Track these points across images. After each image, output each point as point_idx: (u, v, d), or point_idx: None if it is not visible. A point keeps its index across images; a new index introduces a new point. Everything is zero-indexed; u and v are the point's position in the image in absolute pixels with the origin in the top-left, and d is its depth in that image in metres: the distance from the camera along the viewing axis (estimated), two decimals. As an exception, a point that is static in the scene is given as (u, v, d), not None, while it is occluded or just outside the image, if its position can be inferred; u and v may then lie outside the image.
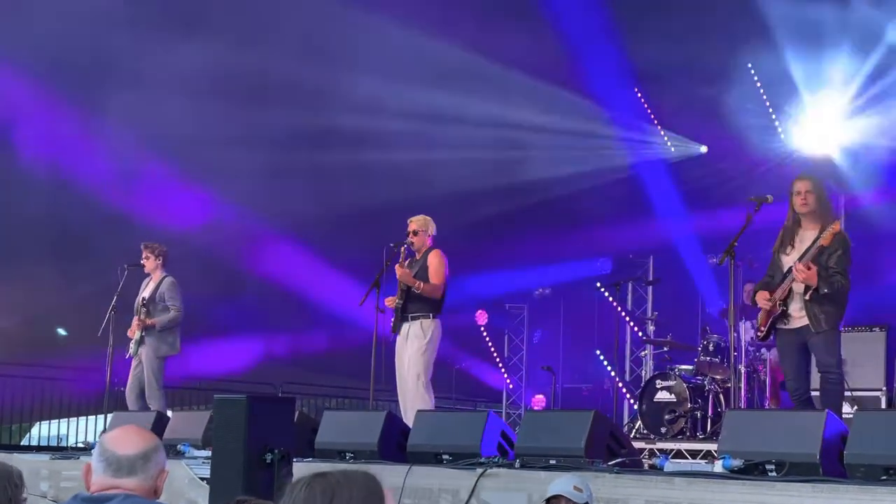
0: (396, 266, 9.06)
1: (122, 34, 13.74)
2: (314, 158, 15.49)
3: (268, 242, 15.82)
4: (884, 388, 10.27)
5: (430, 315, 9.10)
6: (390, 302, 9.20)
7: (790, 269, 7.35)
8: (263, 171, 15.03)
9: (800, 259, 7.26)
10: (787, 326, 7.41)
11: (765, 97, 14.67)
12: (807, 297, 7.17)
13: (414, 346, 9.04)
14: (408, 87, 14.73)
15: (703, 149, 15.43)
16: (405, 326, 9.13)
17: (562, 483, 5.23)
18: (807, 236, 7.42)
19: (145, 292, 10.61)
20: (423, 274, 9.09)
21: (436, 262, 9.11)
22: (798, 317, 7.32)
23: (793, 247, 7.47)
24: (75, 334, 12.78)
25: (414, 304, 9.09)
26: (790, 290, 7.34)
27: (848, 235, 7.40)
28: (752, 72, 14.66)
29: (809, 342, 7.31)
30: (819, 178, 7.60)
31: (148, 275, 10.75)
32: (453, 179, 15.22)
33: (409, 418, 8.24)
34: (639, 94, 15.55)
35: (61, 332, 10.58)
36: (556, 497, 5.19)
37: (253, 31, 14.29)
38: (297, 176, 15.36)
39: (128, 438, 3.01)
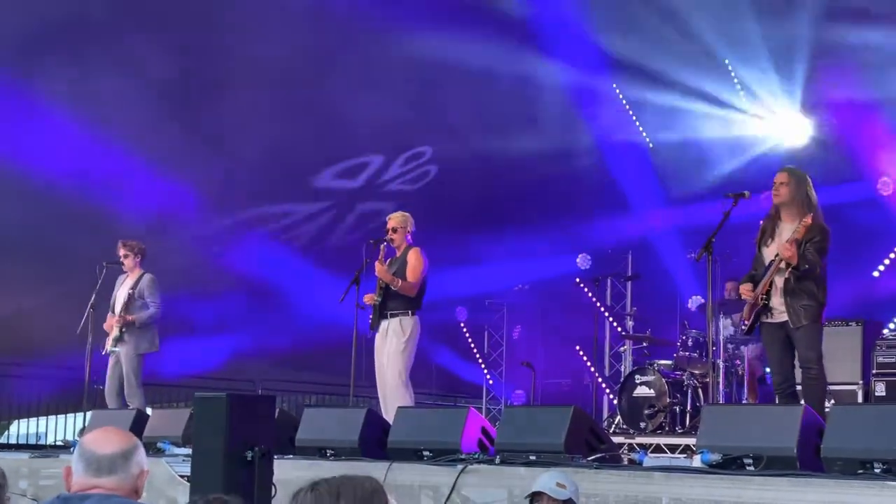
0: (376, 263, 9.07)
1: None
2: (284, 152, 15.51)
3: (246, 238, 15.79)
4: (860, 382, 10.34)
5: (409, 312, 9.12)
6: (369, 299, 9.21)
7: (772, 263, 7.41)
8: (222, 162, 14.98)
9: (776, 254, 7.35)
10: (770, 320, 7.46)
11: (740, 88, 14.73)
12: (787, 275, 7.22)
13: (393, 343, 9.05)
14: (383, 79, 14.76)
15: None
16: (384, 324, 9.15)
17: (545, 479, 5.25)
18: (785, 228, 7.48)
19: (123, 289, 10.59)
20: (402, 271, 9.11)
21: (414, 261, 9.13)
22: (780, 310, 7.38)
23: (773, 239, 7.54)
24: (52, 332, 12.69)
25: (393, 301, 9.11)
26: (772, 284, 7.40)
27: (826, 226, 7.44)
28: (728, 64, 14.73)
29: (792, 337, 7.36)
30: (798, 172, 7.62)
31: (123, 271, 10.71)
32: (432, 175, 15.26)
33: (388, 415, 8.26)
34: (615, 88, 15.58)
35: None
36: (539, 493, 5.21)
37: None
38: (265, 170, 15.34)
39: (107, 438, 3.02)
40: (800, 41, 13.23)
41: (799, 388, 7.56)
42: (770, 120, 14.62)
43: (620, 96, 15.58)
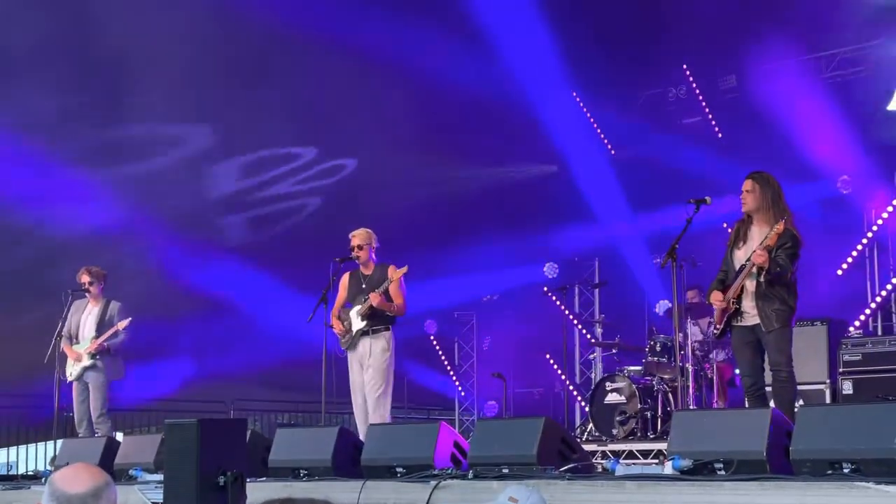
0: (371, 295, 9.04)
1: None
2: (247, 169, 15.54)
3: (208, 256, 15.75)
4: (827, 381, 10.43)
5: (388, 327, 9.16)
6: (337, 326, 9.19)
7: (742, 268, 7.48)
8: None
9: (748, 258, 7.43)
10: (740, 323, 7.53)
11: (701, 98, 14.87)
12: (761, 279, 7.29)
13: (379, 360, 9.06)
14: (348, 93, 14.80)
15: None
16: (366, 341, 9.13)
17: (501, 496, 5.22)
18: (755, 233, 7.56)
19: (88, 316, 10.54)
20: (383, 290, 9.10)
21: (397, 280, 9.14)
22: (751, 314, 7.45)
23: (744, 242, 7.62)
24: (19, 362, 12.59)
25: (373, 318, 9.12)
26: (743, 288, 7.47)
27: (798, 232, 7.50)
28: (687, 71, 14.88)
29: (762, 340, 7.43)
30: (764, 177, 7.67)
31: (83, 297, 10.65)
32: (397, 189, 15.27)
33: (365, 432, 8.25)
34: (576, 97, 15.68)
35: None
36: None
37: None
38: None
39: (77, 476, 3.00)
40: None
41: (769, 389, 7.64)
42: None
43: (581, 105, 15.68)
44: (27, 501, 8.46)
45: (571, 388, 14.27)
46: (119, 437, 10.04)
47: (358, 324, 9.14)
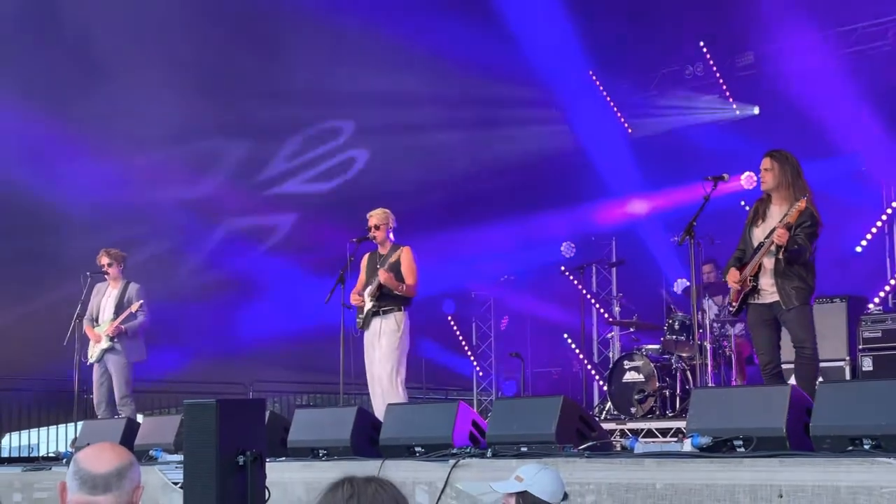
0: (380, 270, 9.05)
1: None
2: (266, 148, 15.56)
3: (227, 237, 15.79)
4: (847, 358, 10.40)
5: (401, 308, 9.14)
6: (358, 300, 9.19)
7: (760, 245, 7.46)
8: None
9: (767, 236, 7.41)
10: (758, 301, 7.51)
11: (718, 75, 14.78)
12: (779, 256, 7.26)
13: (389, 340, 9.05)
14: (362, 74, 14.79)
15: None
16: (377, 322, 9.14)
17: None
18: (775, 211, 7.53)
19: (108, 298, 10.58)
20: (393, 270, 9.10)
21: (408, 261, 9.13)
22: (769, 291, 7.42)
23: (763, 220, 7.59)
24: (38, 344, 12.65)
25: (385, 299, 9.12)
26: (760, 265, 7.45)
27: (817, 211, 7.47)
28: (704, 48, 14.78)
29: (781, 318, 7.41)
30: (783, 155, 7.64)
31: (103, 280, 10.69)
32: (415, 170, 15.26)
33: (381, 413, 8.26)
34: (592, 75, 15.61)
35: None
36: None
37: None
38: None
39: (102, 456, 3.02)
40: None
41: (785, 367, 7.61)
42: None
43: (598, 83, 15.62)
44: (48, 482, 8.53)
45: (589, 367, 14.26)
46: (139, 418, 10.09)
47: (369, 304, 9.15)
